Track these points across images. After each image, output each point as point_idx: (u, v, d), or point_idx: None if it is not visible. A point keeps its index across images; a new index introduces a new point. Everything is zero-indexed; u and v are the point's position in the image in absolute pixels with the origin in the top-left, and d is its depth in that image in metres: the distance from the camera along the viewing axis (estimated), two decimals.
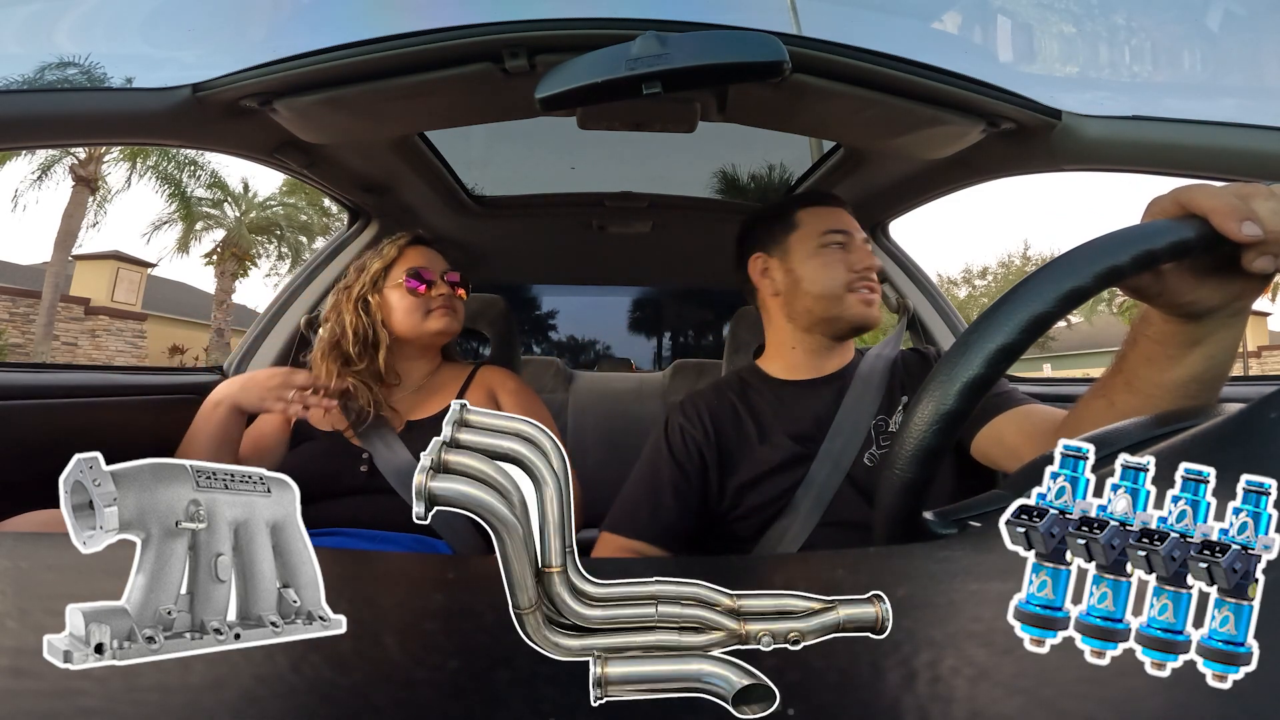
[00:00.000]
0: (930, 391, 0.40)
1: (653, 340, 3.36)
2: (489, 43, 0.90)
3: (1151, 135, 0.92)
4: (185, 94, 0.94)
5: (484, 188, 1.72)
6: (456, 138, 1.48)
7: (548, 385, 2.02)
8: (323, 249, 1.65)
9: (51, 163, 13.29)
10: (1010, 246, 43.90)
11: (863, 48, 0.92)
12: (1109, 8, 1.90)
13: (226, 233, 16.04)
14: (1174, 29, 1.65)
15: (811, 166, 1.57)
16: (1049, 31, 1.71)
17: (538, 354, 2.55)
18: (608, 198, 1.70)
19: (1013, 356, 0.39)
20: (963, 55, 1.29)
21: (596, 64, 0.81)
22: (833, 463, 0.88)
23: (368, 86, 0.94)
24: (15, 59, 1.62)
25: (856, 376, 0.96)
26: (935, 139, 1.08)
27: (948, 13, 1.31)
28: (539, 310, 3.07)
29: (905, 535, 0.41)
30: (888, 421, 0.92)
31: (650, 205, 1.72)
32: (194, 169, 14.26)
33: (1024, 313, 0.39)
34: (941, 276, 28.73)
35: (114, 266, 16.13)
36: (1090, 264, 0.40)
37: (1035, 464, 0.41)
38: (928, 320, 1.56)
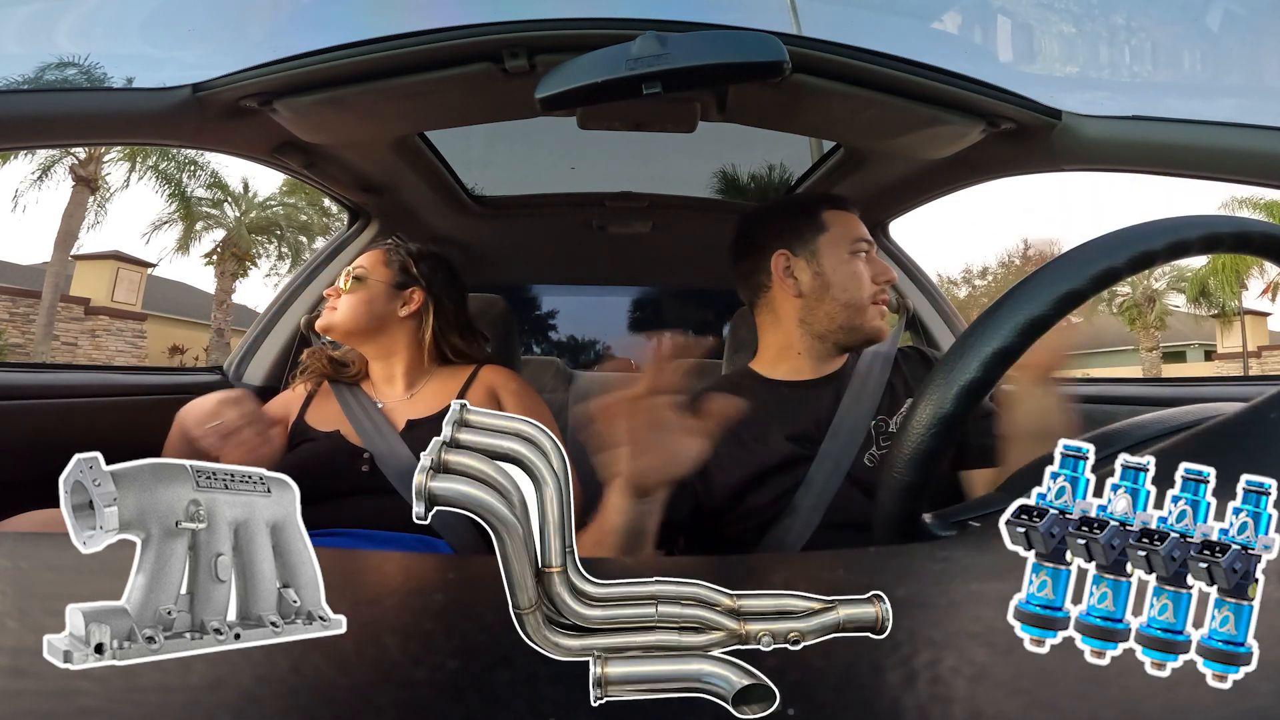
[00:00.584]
0: (928, 395, 0.40)
1: (653, 340, 3.35)
2: (489, 43, 0.90)
3: (1151, 135, 0.92)
4: (185, 94, 0.94)
5: (484, 188, 1.72)
6: (456, 138, 1.48)
7: (548, 385, 2.02)
8: (323, 249, 1.65)
9: (51, 163, 13.29)
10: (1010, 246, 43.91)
11: (863, 48, 0.92)
12: (1109, 8, 1.90)
13: (226, 233, 16.04)
14: (1174, 29, 1.65)
15: (811, 166, 1.57)
16: (1049, 31, 1.71)
17: (538, 354, 2.55)
18: (608, 198, 1.70)
19: (1009, 360, 0.39)
20: (963, 55, 1.29)
21: (596, 64, 0.81)
22: (833, 463, 0.87)
23: (368, 86, 0.94)
24: (15, 59, 1.62)
25: (854, 376, 0.96)
26: (935, 139, 1.08)
27: (948, 13, 1.31)
28: (539, 310, 3.06)
29: (904, 538, 0.41)
30: (888, 422, 0.92)
31: (650, 205, 1.72)
32: (194, 169, 14.26)
33: (1020, 316, 0.39)
34: (941, 276, 28.73)
35: (114, 266, 16.11)
36: (1086, 266, 0.40)
37: (1035, 464, 0.41)
38: (928, 320, 1.56)
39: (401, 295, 1.11)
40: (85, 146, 12.06)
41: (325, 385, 1.12)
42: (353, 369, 1.13)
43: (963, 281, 29.06)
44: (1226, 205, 13.46)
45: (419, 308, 1.12)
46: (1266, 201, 13.59)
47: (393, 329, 1.10)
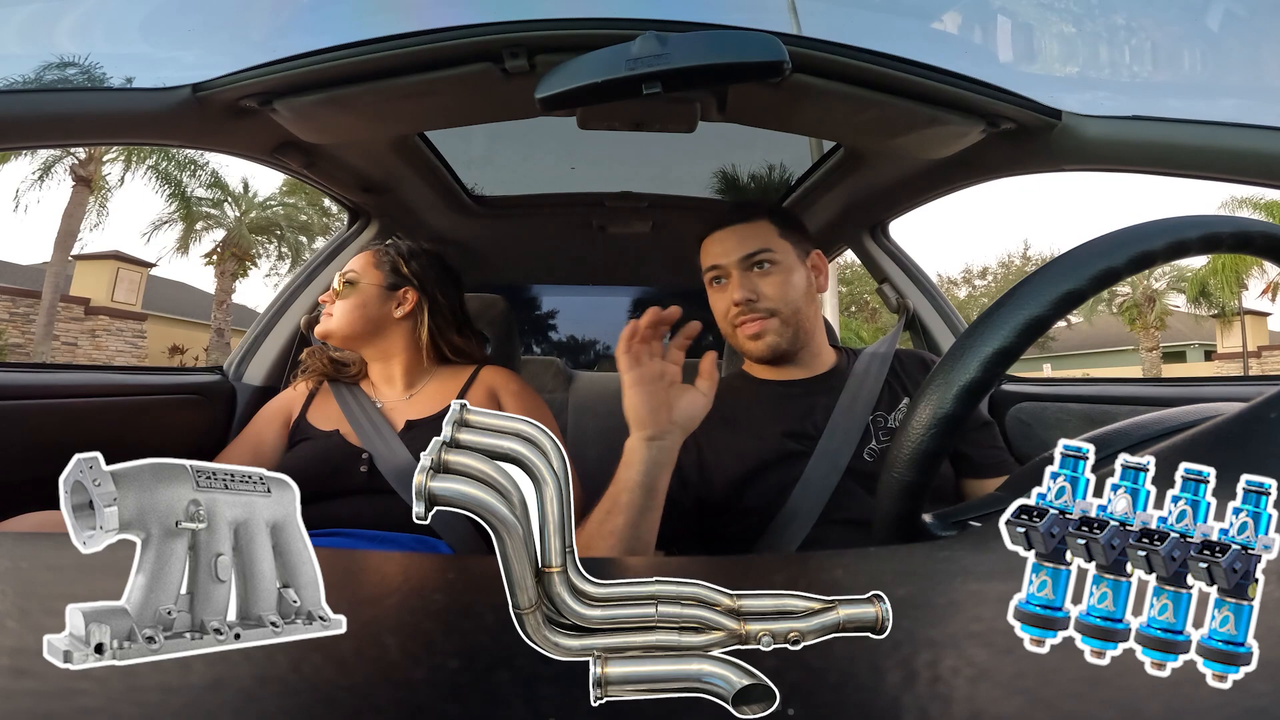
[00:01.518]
0: (928, 395, 0.40)
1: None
2: (489, 43, 0.90)
3: (1151, 135, 0.92)
4: (185, 94, 0.94)
5: (484, 188, 1.72)
6: (456, 138, 1.48)
7: (548, 385, 2.02)
8: (323, 249, 1.65)
9: (51, 163, 13.29)
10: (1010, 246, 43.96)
11: (863, 48, 0.92)
12: (1109, 8, 1.90)
13: (226, 233, 16.04)
14: (1174, 29, 1.65)
15: (811, 166, 1.57)
16: (1049, 31, 1.71)
17: (538, 354, 2.55)
18: (608, 198, 1.70)
19: (1009, 360, 0.39)
20: (963, 55, 1.29)
21: (596, 64, 0.81)
22: (830, 460, 0.88)
23: (368, 86, 0.94)
24: (15, 59, 1.62)
25: (852, 374, 0.96)
26: (935, 139, 1.08)
27: (948, 13, 1.31)
28: (539, 310, 3.06)
29: (904, 538, 0.41)
30: (886, 417, 0.92)
31: (650, 205, 1.72)
32: (194, 169, 14.25)
33: (1020, 316, 0.39)
34: (941, 276, 28.79)
35: (114, 266, 16.11)
36: (1085, 266, 0.40)
37: (1035, 464, 0.42)
38: (927, 320, 1.56)
39: (395, 296, 1.11)
40: (85, 146, 12.06)
41: (326, 385, 1.12)
42: (353, 369, 1.14)
43: (963, 281, 29.07)
44: (1226, 205, 13.49)
45: (413, 307, 1.11)
46: (1266, 201, 13.59)
47: (389, 330, 1.10)
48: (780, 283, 0.95)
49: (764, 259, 0.96)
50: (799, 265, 0.98)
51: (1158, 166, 0.95)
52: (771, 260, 0.96)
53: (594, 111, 1.07)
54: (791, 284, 0.96)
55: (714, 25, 0.88)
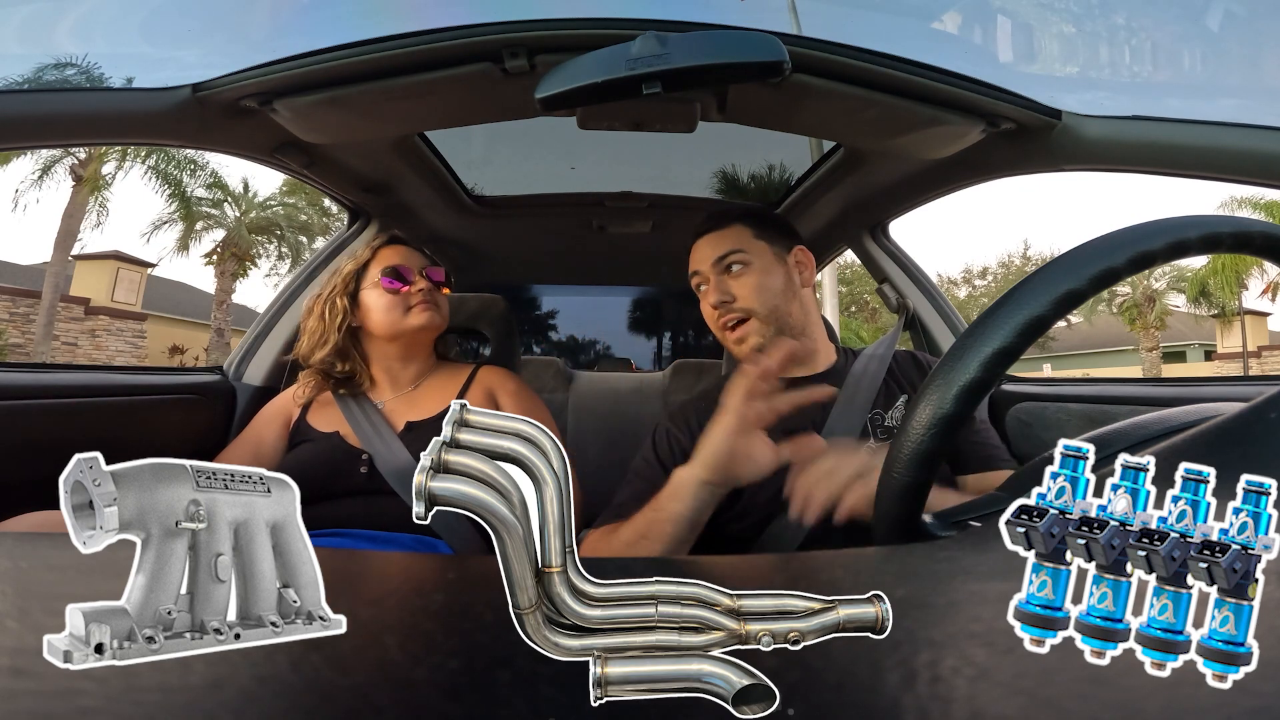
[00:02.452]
0: (928, 395, 0.40)
1: (653, 340, 3.36)
2: (489, 43, 0.90)
3: (1151, 135, 0.92)
4: (185, 94, 0.94)
5: (484, 188, 1.72)
6: (456, 138, 1.48)
7: (548, 385, 2.02)
8: (323, 249, 1.65)
9: (51, 163, 13.28)
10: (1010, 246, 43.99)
11: (863, 48, 0.92)
12: (1109, 8, 1.90)
13: (226, 233, 16.03)
14: (1174, 29, 1.65)
15: (811, 166, 1.57)
16: (1049, 31, 1.71)
17: (538, 354, 2.55)
18: (608, 198, 1.70)
19: (1009, 360, 0.39)
20: (963, 55, 1.29)
21: (596, 64, 0.81)
22: None
23: (368, 86, 0.94)
24: (15, 59, 1.62)
25: (851, 374, 0.97)
26: (935, 139, 1.08)
27: (948, 13, 1.31)
28: (539, 310, 3.07)
29: (904, 538, 0.41)
30: (884, 416, 0.92)
31: (650, 205, 1.72)
32: (194, 169, 14.25)
33: (1020, 316, 0.39)
34: (941, 276, 28.80)
35: (114, 266, 16.10)
36: (1085, 266, 0.40)
37: (1035, 464, 0.41)
38: (927, 320, 1.56)
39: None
40: (85, 146, 12.06)
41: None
42: (353, 369, 1.13)
43: (963, 281, 29.09)
44: (1226, 205, 13.48)
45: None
46: (1266, 201, 13.59)
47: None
48: (753, 283, 0.96)
49: (734, 260, 0.97)
50: (776, 264, 0.98)
51: (1158, 166, 0.95)
52: (743, 261, 0.96)
53: (594, 111, 1.07)
54: (766, 284, 0.96)
55: (714, 25, 0.88)
